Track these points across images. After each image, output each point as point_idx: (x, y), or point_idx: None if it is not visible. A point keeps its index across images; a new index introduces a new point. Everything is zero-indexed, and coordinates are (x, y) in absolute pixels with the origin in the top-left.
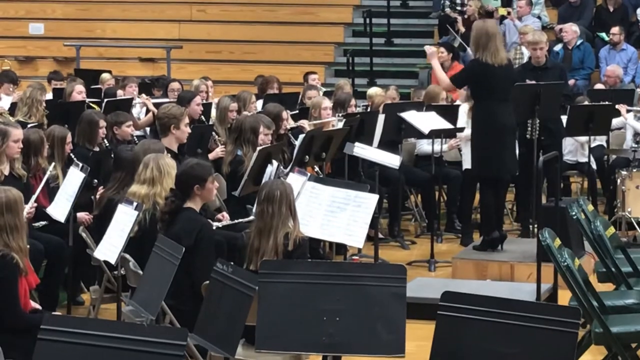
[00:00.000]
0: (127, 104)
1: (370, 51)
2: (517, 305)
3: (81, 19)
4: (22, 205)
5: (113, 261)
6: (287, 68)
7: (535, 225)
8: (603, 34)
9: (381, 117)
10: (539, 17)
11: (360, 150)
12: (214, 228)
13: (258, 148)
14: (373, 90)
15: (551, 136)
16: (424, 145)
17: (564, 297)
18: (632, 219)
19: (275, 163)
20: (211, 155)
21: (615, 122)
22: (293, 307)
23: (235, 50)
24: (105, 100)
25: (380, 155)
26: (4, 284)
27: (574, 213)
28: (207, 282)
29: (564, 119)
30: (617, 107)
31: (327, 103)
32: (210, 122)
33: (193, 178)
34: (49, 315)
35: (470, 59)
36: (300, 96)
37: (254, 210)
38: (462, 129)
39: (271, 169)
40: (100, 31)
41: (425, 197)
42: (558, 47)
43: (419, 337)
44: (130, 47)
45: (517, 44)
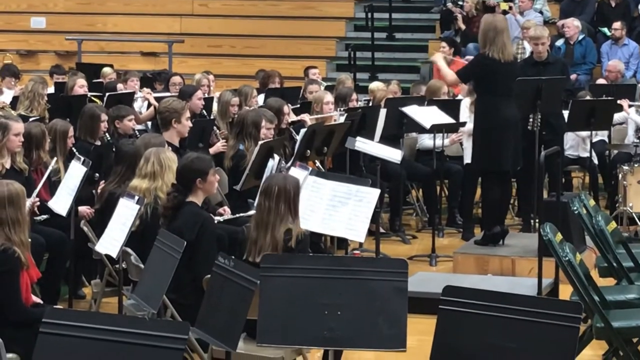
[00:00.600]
0: (129, 98)
1: (372, 46)
2: (518, 300)
3: (83, 13)
4: (24, 199)
5: (114, 255)
6: (288, 62)
7: (537, 220)
8: (605, 29)
9: (383, 112)
10: (541, 12)
11: (362, 144)
12: (215, 222)
13: (260, 142)
14: (375, 85)
15: (553, 131)
16: (426, 140)
17: (565, 291)
18: (633, 213)
19: (276, 157)
20: (212, 150)
21: (617, 117)
22: (294, 301)
23: (236, 44)
24: (107, 94)
25: (381, 149)
26: (5, 277)
27: (575, 208)
28: (208, 276)
29: (566, 114)
30: (618, 102)
31: (328, 97)
32: (212, 117)
33: (194, 172)
34: (50, 308)
35: (472, 52)
36: (301, 91)
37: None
38: (463, 124)
39: (273, 163)
40: (101, 25)
41: (426, 192)
42: (560, 42)
43: (420, 331)
44: (131, 41)
45: (519, 39)
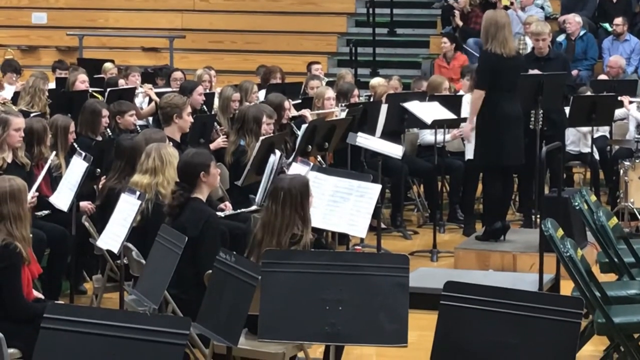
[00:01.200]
0: (130, 94)
1: (373, 41)
2: (519, 296)
3: (84, 9)
4: (26, 194)
5: (116, 250)
6: (289, 58)
7: (538, 216)
8: (606, 25)
9: (384, 107)
10: (542, 8)
11: (363, 140)
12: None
13: (261, 138)
14: (376, 81)
15: (554, 127)
16: (427, 136)
17: (567, 287)
18: (634, 209)
19: (278, 153)
20: (213, 145)
21: (618, 112)
22: (296, 296)
23: (238, 40)
24: (108, 89)
25: (383, 145)
26: (7, 273)
27: (576, 203)
28: (209, 271)
29: (567, 110)
30: (620, 98)
31: (330, 93)
32: (213, 112)
33: (197, 166)
34: (51, 304)
35: (471, 48)
36: (303, 86)
37: (257, 200)
38: (465, 119)
39: (274, 158)
40: (103, 21)
41: (427, 187)
42: (561, 38)
43: (422, 327)
44: (133, 36)
45: (520, 35)
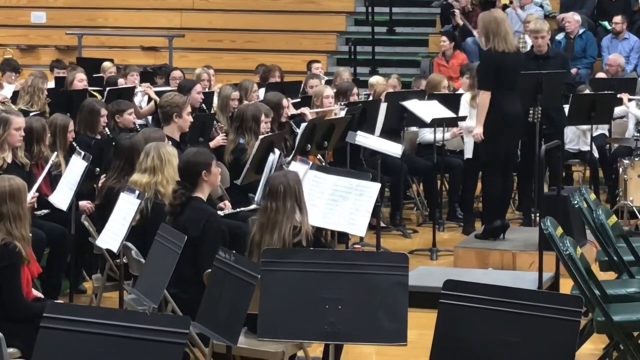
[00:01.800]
0: (129, 93)
1: (372, 40)
2: (519, 294)
3: (83, 8)
4: (25, 194)
5: (115, 249)
6: (289, 57)
7: (537, 214)
8: (605, 23)
9: (383, 106)
10: (541, 6)
11: (363, 139)
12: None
13: (260, 137)
14: (375, 79)
15: (553, 125)
16: (426, 134)
17: (566, 285)
18: (634, 207)
19: (277, 151)
20: (212, 144)
21: (617, 111)
22: (295, 295)
23: (237, 39)
24: (107, 88)
25: (382, 144)
26: (6, 272)
27: (576, 202)
28: (209, 270)
29: (566, 108)
30: (619, 96)
31: (329, 92)
32: (212, 111)
33: (199, 165)
34: (51, 303)
35: (471, 46)
36: (302, 85)
37: (256, 199)
38: (464, 118)
39: (273, 157)
40: (102, 20)
41: (427, 186)
42: (560, 36)
43: (421, 325)
44: (132, 35)
45: (520, 33)
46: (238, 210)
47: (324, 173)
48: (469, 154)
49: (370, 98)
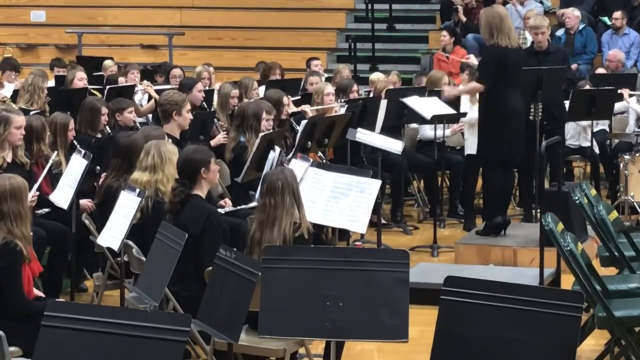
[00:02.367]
0: (129, 91)
1: (372, 37)
2: (520, 290)
3: (83, 6)
4: (26, 192)
5: (116, 248)
6: (289, 54)
7: (538, 210)
8: (605, 19)
9: (383, 103)
10: (541, 2)
11: (363, 135)
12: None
13: (260, 134)
14: (375, 76)
15: (554, 121)
16: (427, 131)
17: (567, 281)
18: (634, 203)
19: (277, 149)
20: (213, 142)
21: (618, 106)
22: (296, 292)
23: (237, 36)
24: (107, 87)
25: (382, 140)
26: (7, 271)
27: (576, 197)
28: (210, 268)
29: (567, 104)
30: (619, 91)
31: (329, 89)
32: (212, 109)
33: (198, 162)
34: (52, 302)
35: (472, 43)
36: (302, 82)
37: (256, 196)
38: (464, 114)
39: (274, 155)
40: (102, 18)
41: (427, 183)
42: (560, 32)
43: (422, 322)
44: (132, 34)
45: (520, 29)
46: (239, 207)
47: (325, 170)
48: (469, 150)
49: (371, 95)
